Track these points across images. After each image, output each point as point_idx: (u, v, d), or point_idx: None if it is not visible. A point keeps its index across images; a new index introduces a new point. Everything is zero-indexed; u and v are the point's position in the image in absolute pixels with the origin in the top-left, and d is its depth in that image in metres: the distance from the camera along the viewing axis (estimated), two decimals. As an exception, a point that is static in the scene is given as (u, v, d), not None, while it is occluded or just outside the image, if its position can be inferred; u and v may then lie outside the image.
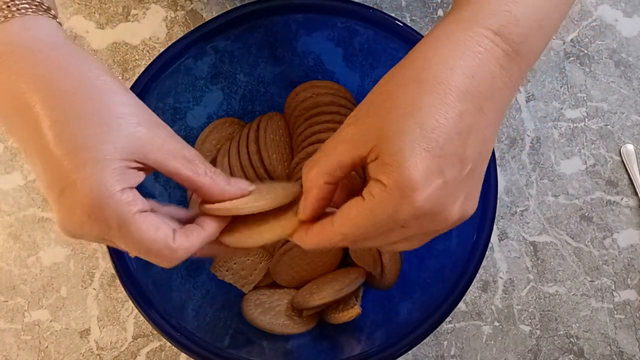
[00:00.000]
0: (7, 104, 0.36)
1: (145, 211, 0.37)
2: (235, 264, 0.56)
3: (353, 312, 0.53)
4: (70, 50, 0.37)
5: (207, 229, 0.40)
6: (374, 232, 0.36)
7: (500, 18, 0.36)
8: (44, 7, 0.38)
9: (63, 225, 0.37)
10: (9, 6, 0.36)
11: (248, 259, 0.56)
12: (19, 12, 0.36)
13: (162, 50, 0.53)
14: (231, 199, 0.41)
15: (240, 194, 0.41)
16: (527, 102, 0.66)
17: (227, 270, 0.56)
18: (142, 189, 0.37)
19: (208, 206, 0.40)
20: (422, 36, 0.50)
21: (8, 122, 0.37)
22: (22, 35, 0.36)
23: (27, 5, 0.37)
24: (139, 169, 0.37)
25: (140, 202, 0.37)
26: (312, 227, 0.39)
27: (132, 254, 0.38)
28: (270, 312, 0.55)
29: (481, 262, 0.49)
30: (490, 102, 0.36)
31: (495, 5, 0.36)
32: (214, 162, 0.58)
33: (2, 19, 0.36)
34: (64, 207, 0.36)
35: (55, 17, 0.38)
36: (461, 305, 0.61)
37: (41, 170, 0.36)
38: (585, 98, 0.66)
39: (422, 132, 0.34)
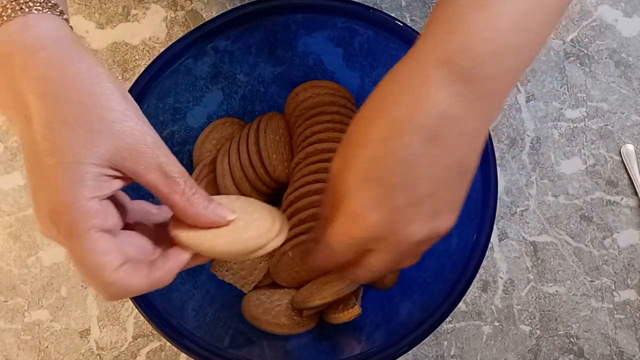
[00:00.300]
0: (8, 103, 0.37)
1: (103, 230, 0.36)
2: (235, 264, 0.56)
3: (353, 312, 0.53)
4: (71, 50, 0.37)
5: (168, 264, 0.39)
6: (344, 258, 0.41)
7: (447, 49, 0.37)
8: (49, 3, 0.37)
9: (36, 218, 0.37)
10: (12, 3, 0.36)
11: (248, 259, 0.56)
12: (21, 11, 0.36)
13: (162, 50, 0.53)
14: (205, 226, 0.38)
15: (217, 223, 0.39)
16: (527, 102, 0.66)
17: (227, 270, 0.56)
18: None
19: (177, 233, 0.38)
20: (422, 36, 0.50)
21: (9, 121, 0.37)
22: (24, 33, 0.36)
23: (31, 3, 0.37)
24: (116, 177, 0.36)
25: (103, 218, 0.36)
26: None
27: (76, 269, 0.37)
28: (271, 312, 0.55)
29: (481, 262, 0.49)
30: (446, 129, 0.37)
31: (446, 37, 0.37)
32: (214, 162, 0.58)
33: (5, 18, 0.36)
34: (35, 203, 0.36)
35: (62, 13, 0.38)
36: (461, 305, 0.61)
37: (24, 161, 0.36)
38: (585, 98, 0.66)
39: (365, 169, 0.37)
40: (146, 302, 0.48)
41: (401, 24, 0.52)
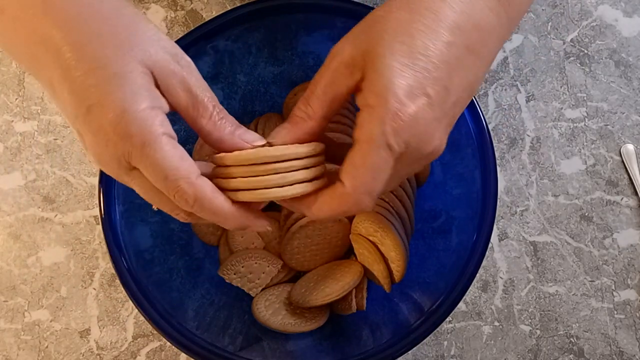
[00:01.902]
0: (33, 40, 0.35)
1: (173, 138, 0.35)
2: (242, 267, 0.56)
3: (362, 300, 0.55)
4: None
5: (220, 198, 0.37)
6: (380, 168, 0.36)
7: None
8: None
9: (91, 149, 0.36)
10: None
11: (255, 262, 0.56)
12: None
13: (162, 50, 0.53)
14: (231, 149, 0.37)
15: (242, 147, 0.38)
16: (527, 102, 0.66)
17: (234, 274, 0.56)
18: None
19: (221, 155, 0.37)
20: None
21: (35, 60, 0.36)
22: None
23: None
24: (162, 95, 0.36)
25: (169, 127, 0.35)
26: (321, 194, 0.38)
27: (150, 180, 0.35)
28: (281, 312, 0.55)
29: (481, 262, 0.49)
30: (477, 43, 0.37)
31: None
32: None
33: None
34: (91, 128, 0.35)
35: None
36: (461, 305, 0.61)
37: (67, 98, 0.35)
38: (585, 98, 0.66)
39: (410, 54, 0.35)
40: (146, 302, 0.48)
41: (401, 24, 0.52)
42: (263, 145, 0.38)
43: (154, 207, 0.39)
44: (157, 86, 0.36)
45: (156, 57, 0.35)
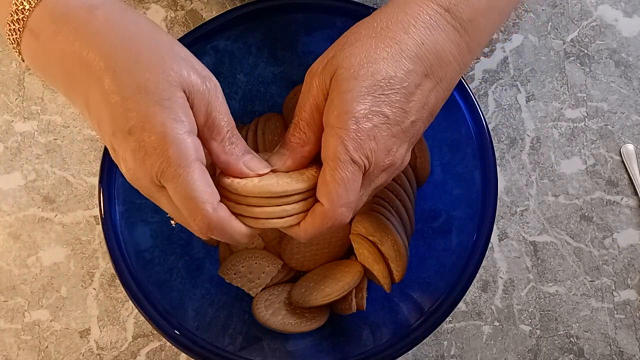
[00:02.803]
0: (69, 62, 0.38)
1: (204, 165, 0.38)
2: (243, 267, 0.56)
3: (362, 300, 0.54)
4: (121, 7, 0.39)
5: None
6: (350, 180, 0.40)
7: None
8: None
9: (126, 165, 0.38)
10: None
11: (255, 262, 0.56)
12: None
13: (162, 50, 0.53)
14: (235, 175, 0.41)
15: (245, 174, 0.41)
16: (527, 102, 0.66)
17: (234, 274, 0.56)
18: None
19: (227, 181, 0.41)
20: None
21: (69, 81, 0.39)
22: None
23: None
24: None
25: (201, 152, 0.38)
26: (305, 217, 0.42)
27: (175, 201, 0.38)
28: (281, 312, 0.55)
29: (481, 262, 0.49)
30: (437, 70, 0.41)
31: None
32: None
33: None
34: (130, 148, 0.37)
35: None
36: (461, 305, 0.61)
37: (107, 118, 0.37)
38: (585, 98, 0.66)
39: (372, 81, 0.39)
40: (146, 302, 0.48)
41: (401, 24, 0.52)
42: (266, 174, 0.42)
43: (172, 222, 0.43)
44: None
45: (190, 80, 0.38)
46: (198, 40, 0.52)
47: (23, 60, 0.40)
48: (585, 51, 0.67)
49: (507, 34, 0.67)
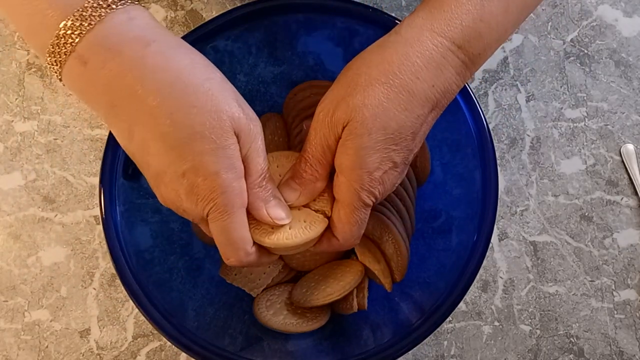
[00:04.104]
0: (117, 93, 0.38)
1: (245, 208, 0.41)
2: (243, 267, 0.56)
3: (363, 300, 0.55)
4: (174, 41, 0.40)
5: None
6: (362, 220, 0.44)
7: (466, 33, 0.41)
8: None
9: (172, 201, 0.41)
10: None
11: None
12: (120, 3, 0.38)
13: (162, 50, 0.53)
14: (256, 217, 0.44)
15: (264, 220, 0.44)
16: (527, 102, 0.66)
17: (235, 274, 0.56)
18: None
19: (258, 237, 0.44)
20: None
21: (112, 109, 0.39)
22: (130, 25, 0.38)
23: None
24: None
25: (245, 195, 0.41)
26: (319, 244, 0.47)
27: (213, 237, 0.42)
28: (282, 312, 0.55)
29: (481, 262, 0.49)
30: (442, 102, 0.43)
31: (465, 21, 0.41)
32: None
33: (108, 10, 0.38)
34: (183, 188, 0.39)
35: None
36: (461, 305, 0.61)
37: (159, 158, 0.39)
38: (585, 98, 0.66)
39: (384, 135, 0.41)
40: (146, 302, 0.48)
41: (401, 24, 0.52)
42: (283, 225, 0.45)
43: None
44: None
45: (240, 123, 0.40)
46: (198, 40, 0.52)
47: (60, 80, 0.40)
48: (585, 51, 0.67)
49: (507, 34, 0.67)
